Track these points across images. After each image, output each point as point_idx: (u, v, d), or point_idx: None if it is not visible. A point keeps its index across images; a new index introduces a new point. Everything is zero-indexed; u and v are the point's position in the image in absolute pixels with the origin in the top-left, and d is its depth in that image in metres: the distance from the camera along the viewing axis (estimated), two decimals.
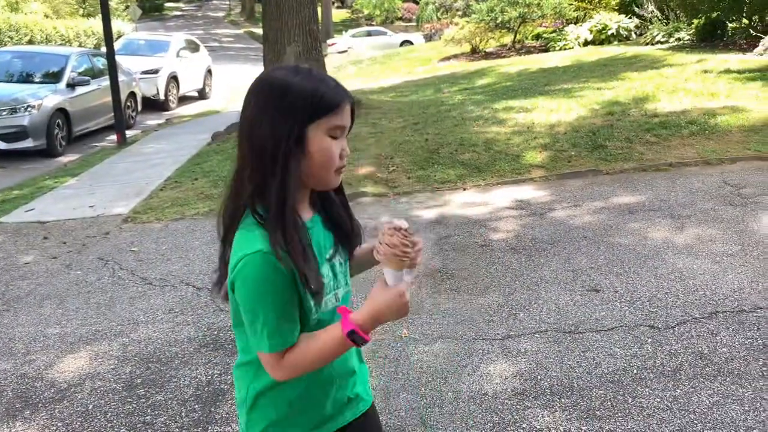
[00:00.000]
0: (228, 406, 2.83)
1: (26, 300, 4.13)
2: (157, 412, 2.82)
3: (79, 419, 2.81)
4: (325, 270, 1.32)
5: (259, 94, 1.25)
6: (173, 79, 14.74)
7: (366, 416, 1.46)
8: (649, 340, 3.15)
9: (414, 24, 33.74)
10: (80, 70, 10.90)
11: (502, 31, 17.86)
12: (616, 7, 16.88)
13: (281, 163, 1.20)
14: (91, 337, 3.57)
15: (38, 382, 3.14)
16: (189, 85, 15.76)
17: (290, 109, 1.20)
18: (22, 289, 4.32)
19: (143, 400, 2.92)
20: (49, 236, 5.43)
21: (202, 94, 16.45)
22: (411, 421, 2.65)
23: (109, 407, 2.88)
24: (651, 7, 14.56)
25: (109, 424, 2.76)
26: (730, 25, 12.35)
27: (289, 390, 1.32)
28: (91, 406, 2.90)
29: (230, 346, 3.33)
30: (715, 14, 12.14)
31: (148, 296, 4.07)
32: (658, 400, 2.69)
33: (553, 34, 16.52)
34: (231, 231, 1.27)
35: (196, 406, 2.85)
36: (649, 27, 14.18)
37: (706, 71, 9.17)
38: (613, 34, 15.38)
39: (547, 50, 16.02)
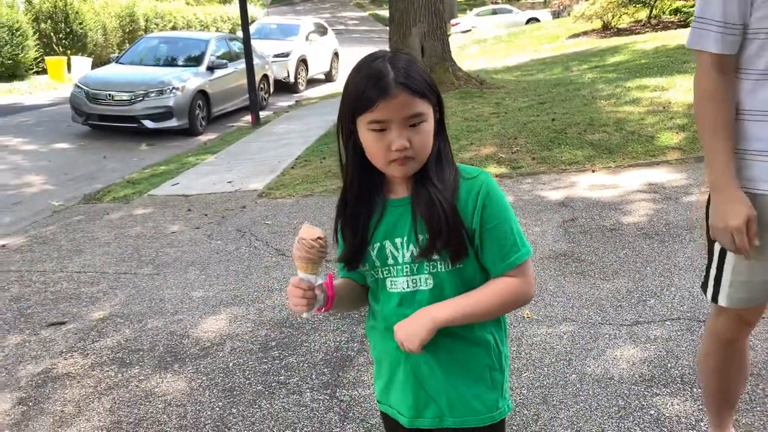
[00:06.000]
0: (355, 372, 2.97)
1: (173, 265, 4.51)
2: (289, 373, 3.01)
3: (221, 375, 3.06)
4: (377, 248, 1.37)
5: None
6: (302, 62, 15.28)
7: None
8: None
9: (541, 1, 32.66)
10: (218, 54, 11.57)
11: (637, 6, 16.89)
12: None
13: (344, 147, 1.37)
14: (230, 302, 3.85)
15: (185, 339, 3.44)
16: (317, 68, 16.27)
17: (344, 103, 1.31)
18: (170, 255, 4.72)
19: (277, 362, 3.13)
20: (192, 208, 5.88)
21: (328, 77, 16.93)
22: (534, 400, 2.66)
23: (247, 366, 3.12)
24: None
25: (247, 381, 2.98)
26: None
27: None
28: (231, 364, 3.15)
29: (356, 315, 3.47)
30: None
31: (281, 266, 4.32)
32: None
33: (694, 8, 15.41)
34: None
35: (326, 369, 3.02)
36: None
37: None
38: None
39: (686, 26, 14.98)
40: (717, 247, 1.80)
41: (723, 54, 1.67)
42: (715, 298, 1.85)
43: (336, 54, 17.38)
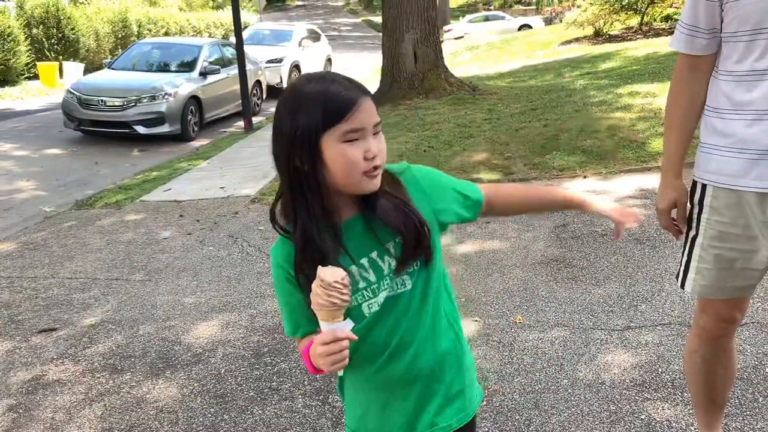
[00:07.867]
0: None
1: (165, 271, 4.50)
2: (282, 379, 3.01)
3: (213, 381, 3.05)
4: (354, 271, 1.27)
5: (277, 108, 1.25)
6: (296, 67, 15.30)
7: None
8: None
9: (533, 7, 32.86)
10: (211, 59, 11.54)
11: (629, 13, 17.03)
12: None
13: (297, 179, 1.22)
14: (222, 308, 3.84)
15: (177, 345, 3.43)
16: None
17: (306, 124, 1.19)
18: (162, 261, 4.71)
19: (269, 368, 3.12)
20: (184, 214, 5.87)
21: None
22: (525, 405, 2.66)
23: (239, 372, 3.11)
24: None
25: (239, 387, 2.98)
26: None
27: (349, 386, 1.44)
28: (223, 370, 3.14)
29: None
30: None
31: None
32: None
33: None
34: None
35: (318, 375, 3.01)
36: None
37: None
38: None
39: None
40: (691, 235, 1.90)
41: (691, 54, 1.80)
42: (682, 284, 1.94)
43: (329, 60, 17.45)
